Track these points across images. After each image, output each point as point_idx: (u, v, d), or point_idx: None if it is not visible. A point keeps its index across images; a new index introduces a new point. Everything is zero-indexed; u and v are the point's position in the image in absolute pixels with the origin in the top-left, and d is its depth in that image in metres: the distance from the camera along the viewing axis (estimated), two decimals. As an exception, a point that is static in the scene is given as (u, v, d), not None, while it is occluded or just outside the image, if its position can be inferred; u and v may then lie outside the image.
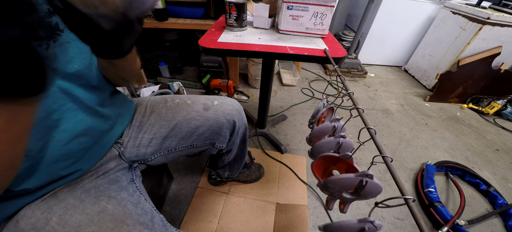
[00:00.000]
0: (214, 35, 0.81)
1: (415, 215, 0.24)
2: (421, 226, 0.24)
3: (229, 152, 0.78)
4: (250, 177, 1.07)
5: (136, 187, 0.51)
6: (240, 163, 0.90)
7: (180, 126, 0.60)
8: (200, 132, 0.62)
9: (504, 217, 1.03)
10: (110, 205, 0.42)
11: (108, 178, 0.48)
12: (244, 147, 0.84)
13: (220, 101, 0.66)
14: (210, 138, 0.64)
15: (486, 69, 1.80)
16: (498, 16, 1.63)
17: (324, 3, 0.76)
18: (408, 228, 0.98)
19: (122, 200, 0.44)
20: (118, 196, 0.44)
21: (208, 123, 0.62)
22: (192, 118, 0.61)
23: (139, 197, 0.48)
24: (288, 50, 0.73)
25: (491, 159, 1.38)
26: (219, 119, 0.63)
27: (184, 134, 0.61)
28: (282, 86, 1.97)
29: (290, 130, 1.47)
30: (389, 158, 0.31)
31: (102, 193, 0.44)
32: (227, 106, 0.66)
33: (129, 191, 0.48)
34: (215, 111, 0.63)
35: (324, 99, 0.53)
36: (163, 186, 0.97)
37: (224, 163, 0.84)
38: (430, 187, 1.07)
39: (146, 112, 0.61)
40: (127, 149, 0.56)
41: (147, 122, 0.59)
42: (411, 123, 1.66)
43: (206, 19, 1.56)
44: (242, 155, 0.86)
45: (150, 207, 0.46)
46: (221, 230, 0.91)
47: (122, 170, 0.52)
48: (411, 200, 0.26)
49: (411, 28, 2.27)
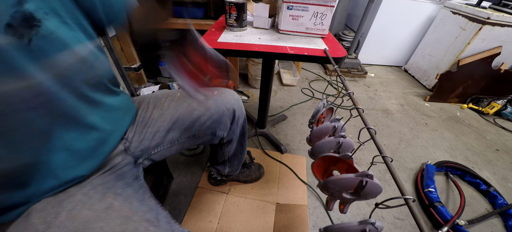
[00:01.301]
0: (214, 35, 0.81)
1: (415, 216, 0.24)
2: (421, 227, 0.23)
3: (229, 143, 0.79)
4: (250, 176, 1.07)
5: (141, 184, 0.52)
6: (240, 159, 0.91)
7: (183, 117, 0.62)
8: (202, 122, 0.64)
9: (504, 217, 1.03)
10: (116, 201, 0.42)
11: (114, 174, 0.49)
12: (243, 141, 0.85)
13: (219, 91, 0.69)
14: (211, 127, 0.66)
15: (486, 69, 1.80)
16: (498, 16, 1.63)
17: (324, 3, 0.76)
18: (408, 228, 0.98)
19: (128, 197, 0.44)
20: (124, 192, 0.45)
21: (209, 113, 0.64)
22: (194, 108, 0.63)
23: (144, 194, 0.49)
24: (288, 50, 0.73)
25: (491, 159, 1.38)
26: (219, 107, 0.65)
27: (187, 125, 0.63)
28: (282, 86, 1.97)
29: (290, 130, 1.47)
30: (389, 158, 0.31)
31: (108, 189, 0.44)
32: (226, 95, 0.68)
33: (135, 187, 0.49)
34: (215, 100, 0.65)
35: (324, 99, 0.53)
36: (163, 186, 0.97)
37: (225, 158, 0.85)
38: (430, 187, 1.07)
39: (149, 108, 0.63)
40: (132, 143, 0.57)
41: (150, 117, 0.61)
42: (411, 123, 1.66)
43: (206, 19, 1.55)
44: (241, 149, 0.88)
45: (155, 204, 0.47)
46: (221, 230, 0.91)
47: (127, 166, 0.54)
48: (411, 200, 0.26)
49: (411, 28, 2.27)
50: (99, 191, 0.44)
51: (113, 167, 0.50)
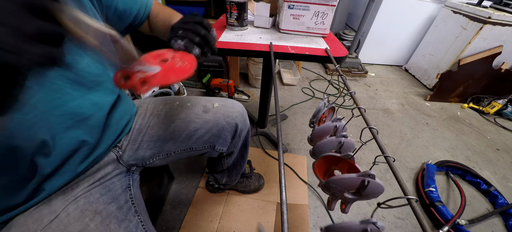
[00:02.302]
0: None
1: (418, 216, 0.24)
2: (424, 227, 0.23)
3: (229, 156, 0.76)
4: (249, 187, 1.02)
5: (130, 195, 0.50)
6: (239, 169, 0.87)
7: (179, 129, 0.59)
8: (199, 135, 0.60)
9: (504, 216, 1.03)
10: (92, 223, 0.41)
11: (102, 186, 0.47)
12: (244, 152, 0.81)
13: (221, 104, 0.65)
14: (210, 142, 0.63)
15: (487, 68, 1.80)
16: (499, 16, 1.62)
17: (325, 2, 0.76)
18: (409, 227, 0.98)
19: (107, 217, 0.43)
20: (104, 210, 0.44)
21: (207, 126, 0.61)
22: (191, 120, 0.60)
23: (128, 211, 0.47)
24: (289, 49, 0.73)
25: (491, 158, 1.38)
26: (219, 122, 0.61)
27: (183, 137, 0.60)
28: (282, 86, 1.97)
29: (291, 129, 1.47)
30: (392, 158, 0.31)
31: (90, 205, 0.43)
32: (228, 109, 0.64)
33: (120, 202, 0.47)
34: (214, 113, 0.62)
35: (325, 99, 0.53)
36: (163, 186, 0.97)
37: (223, 168, 0.81)
38: (431, 187, 1.07)
39: (146, 114, 0.60)
40: (125, 153, 0.55)
41: (146, 125, 0.59)
42: (412, 122, 1.66)
43: (206, 19, 1.55)
44: (242, 160, 0.83)
45: (136, 224, 0.46)
46: (222, 229, 0.91)
47: (118, 176, 0.51)
48: (414, 200, 0.26)
49: (411, 28, 2.26)
50: (80, 207, 0.42)
51: (102, 177, 0.48)
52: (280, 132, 0.36)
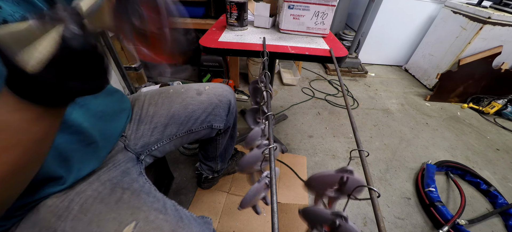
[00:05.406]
0: (215, 34, 0.81)
1: (375, 209, 0.25)
2: (378, 217, 0.24)
3: (225, 133, 0.81)
4: (235, 168, 1.09)
5: (146, 179, 0.53)
6: (230, 151, 0.93)
7: (178, 112, 0.64)
8: (197, 116, 0.66)
9: (504, 216, 1.03)
10: (125, 195, 0.44)
11: (120, 170, 0.50)
12: (233, 132, 0.87)
13: (211, 86, 0.71)
14: (207, 121, 0.68)
15: (487, 68, 1.80)
16: (499, 16, 1.62)
17: (325, 2, 0.76)
18: (409, 227, 0.98)
19: (135, 191, 0.46)
20: (131, 187, 0.47)
21: (203, 106, 0.66)
22: (188, 103, 0.65)
23: (150, 187, 0.50)
24: (289, 49, 0.73)
25: (491, 158, 1.38)
26: (212, 101, 0.68)
27: (183, 120, 0.65)
28: (282, 86, 1.97)
29: (291, 129, 1.47)
30: (365, 151, 0.32)
31: (116, 185, 0.46)
32: (218, 89, 0.70)
33: (140, 182, 0.50)
34: (207, 94, 0.68)
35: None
36: (163, 185, 0.97)
37: (216, 153, 0.87)
38: (431, 187, 1.07)
39: (144, 105, 0.64)
40: (131, 141, 0.59)
41: (146, 115, 0.62)
42: (412, 122, 1.66)
43: (206, 19, 1.55)
44: (231, 141, 0.89)
45: (161, 195, 0.49)
46: (222, 228, 0.91)
47: (131, 162, 0.55)
48: (376, 194, 0.27)
49: (411, 28, 2.26)
50: (108, 186, 0.45)
51: (117, 163, 0.52)
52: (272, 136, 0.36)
